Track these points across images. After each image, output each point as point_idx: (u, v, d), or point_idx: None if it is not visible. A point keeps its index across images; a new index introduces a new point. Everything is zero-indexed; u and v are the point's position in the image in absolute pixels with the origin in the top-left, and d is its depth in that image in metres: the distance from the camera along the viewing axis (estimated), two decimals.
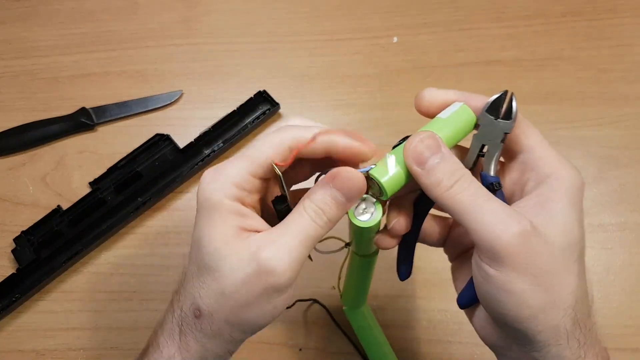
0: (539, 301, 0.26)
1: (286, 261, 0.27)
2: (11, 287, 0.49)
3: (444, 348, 0.46)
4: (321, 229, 0.28)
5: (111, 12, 0.66)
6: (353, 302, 0.45)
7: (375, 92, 0.59)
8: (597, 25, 0.62)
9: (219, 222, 0.28)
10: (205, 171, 0.29)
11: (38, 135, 0.57)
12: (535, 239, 0.26)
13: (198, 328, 0.28)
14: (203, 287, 0.28)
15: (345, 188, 0.28)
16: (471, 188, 0.27)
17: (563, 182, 0.28)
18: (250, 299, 0.27)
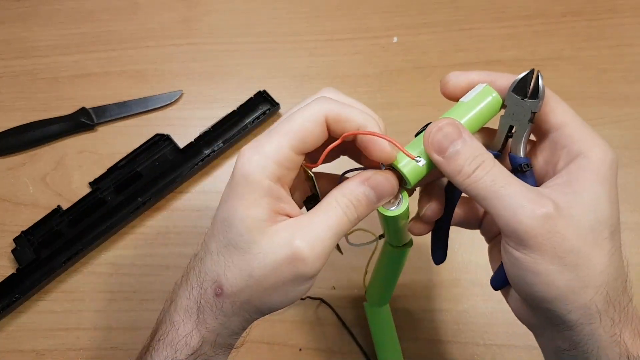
0: (567, 281, 0.26)
1: (317, 251, 0.27)
2: (11, 287, 0.49)
3: (444, 348, 0.46)
4: (350, 224, 0.28)
5: (111, 12, 0.66)
6: (379, 299, 0.44)
7: (375, 92, 0.59)
8: (597, 25, 0.62)
9: (253, 202, 0.27)
10: (244, 147, 0.29)
11: (38, 135, 0.57)
12: (559, 221, 0.26)
13: (218, 307, 0.28)
14: (229, 267, 0.28)
15: (380, 189, 0.29)
16: (493, 173, 0.27)
17: (592, 159, 0.27)
18: (278, 284, 0.28)
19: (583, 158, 0.28)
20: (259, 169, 0.27)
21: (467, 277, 0.49)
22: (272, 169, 0.27)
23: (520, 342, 0.46)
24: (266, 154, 0.28)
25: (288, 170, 0.28)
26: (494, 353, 0.46)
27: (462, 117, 0.29)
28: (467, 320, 0.47)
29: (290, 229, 0.28)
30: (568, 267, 0.26)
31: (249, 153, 0.28)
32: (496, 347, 0.46)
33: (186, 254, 0.51)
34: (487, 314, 0.47)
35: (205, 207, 0.54)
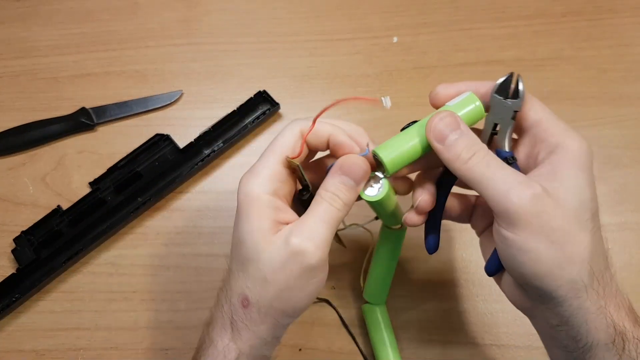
0: (554, 258, 0.28)
1: (314, 242, 0.31)
2: (11, 287, 0.49)
3: (444, 348, 0.46)
4: (339, 211, 0.32)
5: (111, 12, 0.66)
6: (377, 293, 0.45)
7: (375, 92, 0.59)
8: (597, 25, 0.62)
9: (256, 216, 0.32)
10: (242, 175, 0.33)
11: (38, 135, 0.57)
12: (546, 201, 0.28)
13: (248, 317, 0.32)
14: (248, 278, 0.32)
15: (352, 173, 0.32)
16: (486, 159, 0.30)
17: (570, 149, 0.30)
18: (290, 281, 0.31)
19: (562, 149, 0.30)
20: (255, 187, 0.32)
21: (467, 277, 0.49)
22: (267, 184, 0.32)
23: (520, 342, 0.46)
24: (259, 173, 0.32)
25: (281, 183, 0.33)
26: (494, 353, 0.46)
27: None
28: (467, 320, 0.47)
29: (288, 231, 0.31)
30: (555, 244, 0.28)
31: (246, 177, 0.33)
32: (496, 347, 0.46)
33: (186, 254, 0.51)
34: (487, 314, 0.47)
35: (205, 207, 0.54)
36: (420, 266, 0.50)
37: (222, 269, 0.50)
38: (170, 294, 0.50)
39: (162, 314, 0.49)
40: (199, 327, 0.48)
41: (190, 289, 0.50)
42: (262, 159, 0.33)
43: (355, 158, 0.33)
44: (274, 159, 0.33)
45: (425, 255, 0.50)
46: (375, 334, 0.44)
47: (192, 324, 0.48)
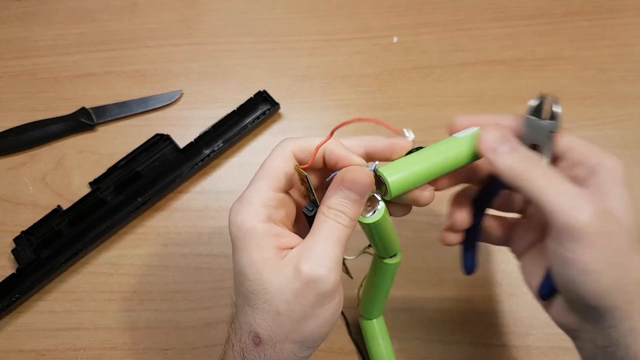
0: (615, 279, 0.28)
1: (327, 266, 0.28)
2: (11, 287, 0.49)
3: (444, 348, 0.46)
4: (346, 228, 0.30)
5: (111, 12, 0.66)
6: (371, 311, 0.44)
7: (375, 92, 0.59)
8: (597, 25, 0.62)
9: (255, 247, 0.29)
10: (232, 206, 0.31)
11: (38, 135, 0.57)
12: (610, 219, 0.28)
13: (261, 355, 0.29)
14: (257, 314, 0.29)
15: (355, 186, 0.30)
16: (545, 170, 0.29)
17: (612, 169, 0.30)
18: (306, 311, 0.28)
19: (604, 169, 0.30)
20: (248, 217, 0.30)
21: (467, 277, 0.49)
22: (260, 212, 0.30)
23: (521, 342, 0.46)
24: (250, 201, 0.30)
25: (276, 209, 0.31)
26: (494, 353, 0.46)
27: (448, 152, 0.32)
28: (467, 320, 0.47)
29: (295, 256, 0.29)
30: (617, 265, 0.28)
31: (236, 207, 0.30)
32: (496, 347, 0.46)
33: (186, 254, 0.51)
34: (487, 314, 0.47)
35: (205, 207, 0.54)
36: (420, 266, 0.50)
37: (222, 269, 0.50)
38: (170, 294, 0.50)
39: (162, 314, 0.49)
40: (199, 327, 0.48)
41: (190, 289, 0.50)
42: (251, 186, 0.31)
43: (357, 170, 0.30)
44: (265, 184, 0.30)
45: (424, 256, 0.50)
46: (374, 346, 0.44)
47: (192, 324, 0.48)
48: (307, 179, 0.30)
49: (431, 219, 0.51)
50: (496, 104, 0.57)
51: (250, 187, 0.31)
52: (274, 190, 0.31)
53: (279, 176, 0.31)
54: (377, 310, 0.44)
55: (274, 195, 0.31)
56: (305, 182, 0.30)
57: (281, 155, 0.31)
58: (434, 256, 0.50)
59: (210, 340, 0.48)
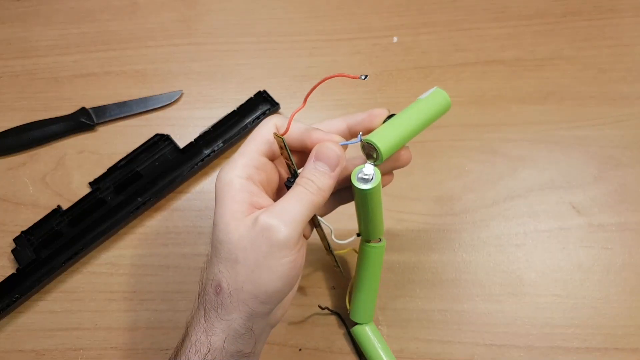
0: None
1: (283, 219, 0.30)
2: (11, 287, 0.49)
3: (444, 348, 0.46)
4: (312, 195, 0.32)
5: (111, 12, 0.66)
6: (364, 313, 0.44)
7: (375, 92, 0.59)
8: (597, 25, 0.62)
9: (230, 200, 0.31)
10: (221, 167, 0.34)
11: (38, 135, 0.57)
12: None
13: (220, 304, 0.31)
14: (220, 262, 0.31)
15: (325, 158, 0.32)
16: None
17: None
18: (259, 260, 0.30)
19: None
20: (230, 172, 0.32)
21: (467, 277, 0.49)
22: (241, 169, 0.32)
23: (520, 342, 0.46)
24: (235, 160, 0.33)
25: (256, 169, 0.33)
26: (494, 353, 0.46)
27: (421, 112, 0.35)
28: (467, 320, 0.47)
29: (259, 211, 0.31)
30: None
31: (223, 167, 0.33)
32: (496, 347, 0.46)
33: (186, 254, 0.51)
34: (487, 314, 0.47)
35: (205, 207, 0.54)
36: (419, 266, 0.50)
37: None
38: (170, 294, 0.50)
39: (162, 314, 0.49)
40: None
41: (190, 289, 0.50)
42: (239, 150, 0.34)
43: (329, 144, 0.33)
44: (250, 147, 0.33)
45: (424, 256, 0.50)
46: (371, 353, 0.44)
47: None
48: (284, 145, 0.33)
49: (431, 219, 0.51)
50: (496, 104, 0.57)
51: (237, 151, 0.34)
52: (257, 152, 0.33)
53: (262, 141, 0.34)
54: (369, 307, 0.44)
55: (257, 157, 0.33)
56: (283, 148, 0.33)
57: (265, 126, 0.34)
58: (434, 256, 0.50)
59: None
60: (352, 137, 0.35)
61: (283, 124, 0.34)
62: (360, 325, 0.45)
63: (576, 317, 0.47)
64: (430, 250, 0.50)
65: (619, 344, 0.45)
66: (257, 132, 0.34)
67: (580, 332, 0.46)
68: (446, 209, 0.52)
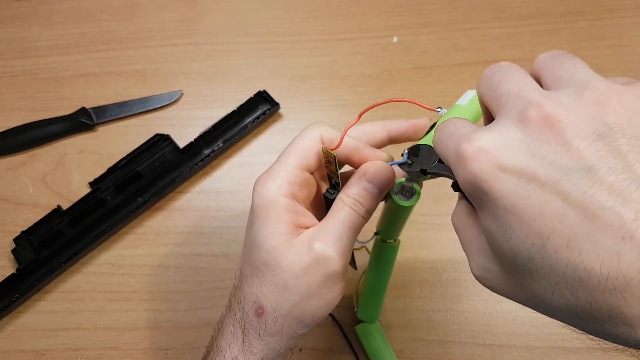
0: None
1: (338, 248, 0.29)
2: (11, 287, 0.49)
3: (444, 348, 0.46)
4: (362, 218, 0.31)
5: (111, 12, 0.66)
6: (371, 311, 0.44)
7: (375, 92, 0.59)
8: (597, 25, 0.62)
9: (275, 220, 0.30)
10: (258, 177, 0.31)
11: (38, 135, 0.57)
12: None
13: (262, 326, 0.30)
14: (265, 285, 0.30)
15: (376, 180, 0.31)
16: None
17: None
18: (312, 288, 0.29)
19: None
20: (274, 190, 0.30)
21: (467, 277, 0.49)
22: (286, 187, 0.30)
23: (520, 342, 0.46)
24: (277, 176, 0.31)
25: (300, 187, 0.31)
26: (494, 353, 0.46)
27: (466, 115, 0.32)
28: (467, 320, 0.47)
29: (310, 235, 0.30)
30: None
31: (263, 179, 0.31)
32: (496, 347, 0.46)
33: (186, 254, 0.51)
34: (487, 314, 0.47)
35: (205, 207, 0.54)
36: (420, 266, 0.50)
37: (222, 269, 0.50)
38: (170, 294, 0.50)
39: (162, 314, 0.49)
40: (199, 327, 0.48)
41: (190, 289, 0.50)
42: (279, 161, 0.31)
43: (380, 165, 0.31)
44: (292, 161, 0.31)
45: (424, 256, 0.50)
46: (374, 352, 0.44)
47: (192, 324, 0.48)
48: (334, 160, 0.30)
49: (431, 219, 0.51)
50: None
51: (278, 162, 0.31)
52: (301, 168, 0.31)
53: (307, 155, 0.31)
54: (377, 307, 0.44)
55: (300, 173, 0.31)
56: (332, 163, 0.31)
57: (310, 136, 0.32)
58: (434, 256, 0.50)
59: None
60: (390, 144, 0.34)
61: (329, 135, 0.32)
62: (366, 324, 0.45)
63: None
64: (430, 250, 0.50)
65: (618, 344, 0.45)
66: (301, 142, 0.32)
67: None
68: (446, 209, 0.52)
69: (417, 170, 0.31)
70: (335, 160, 0.31)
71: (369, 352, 0.45)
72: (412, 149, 0.32)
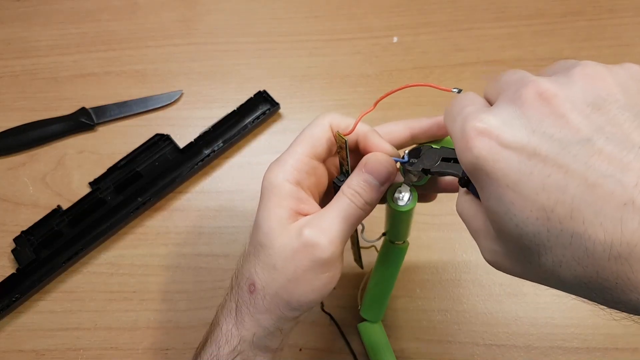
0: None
1: (328, 236, 0.30)
2: (11, 287, 0.49)
3: (444, 348, 0.46)
4: (360, 210, 0.31)
5: (111, 12, 0.66)
6: (375, 311, 0.44)
7: (375, 92, 0.59)
8: (597, 25, 0.62)
9: (276, 203, 0.31)
10: (270, 164, 0.32)
11: (38, 135, 0.57)
12: None
13: (252, 303, 0.31)
14: (258, 264, 0.31)
15: (376, 172, 0.31)
16: None
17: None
18: (298, 272, 0.30)
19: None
20: (280, 175, 0.31)
21: (467, 277, 0.49)
22: (291, 173, 0.31)
23: (520, 342, 0.46)
24: (285, 162, 0.32)
25: (307, 175, 0.32)
26: (494, 353, 0.46)
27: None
28: (467, 320, 0.47)
29: (304, 221, 0.31)
30: None
31: (272, 166, 0.32)
32: (496, 347, 0.46)
33: (186, 254, 0.51)
34: (487, 314, 0.47)
35: (205, 207, 0.54)
36: (420, 266, 0.50)
37: (222, 269, 0.50)
38: (170, 294, 0.50)
39: (162, 314, 0.49)
40: (199, 327, 0.48)
41: (190, 289, 0.50)
42: (289, 149, 0.32)
43: (381, 157, 0.31)
44: (301, 149, 0.32)
45: (424, 256, 0.50)
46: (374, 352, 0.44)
47: (192, 324, 0.48)
48: (345, 146, 0.31)
49: (431, 219, 0.51)
50: None
51: (287, 150, 0.32)
52: (309, 156, 0.32)
53: (315, 143, 0.32)
54: (381, 307, 0.44)
55: (308, 161, 0.32)
56: (343, 149, 0.31)
57: (320, 125, 0.32)
58: (433, 256, 0.50)
59: None
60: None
61: (340, 124, 0.32)
62: (369, 322, 0.45)
63: (576, 317, 0.47)
64: (430, 250, 0.50)
65: (619, 344, 0.45)
66: (310, 131, 0.32)
67: (580, 332, 0.46)
68: (446, 209, 0.52)
69: (419, 170, 0.31)
70: (346, 146, 0.31)
71: (370, 351, 0.45)
72: (413, 150, 0.32)
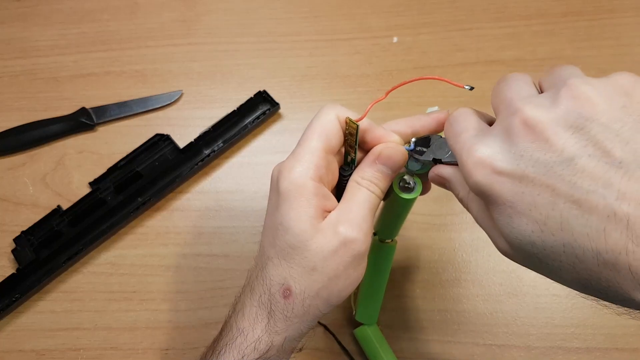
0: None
1: (362, 230, 0.31)
2: (11, 287, 0.49)
3: (444, 348, 0.46)
4: (378, 198, 0.32)
5: (111, 12, 0.66)
6: (370, 313, 0.44)
7: (375, 92, 0.59)
8: (597, 25, 0.62)
9: (305, 204, 0.30)
10: (282, 163, 0.32)
11: (38, 135, 0.57)
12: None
13: (289, 308, 0.31)
14: (293, 267, 0.31)
15: (390, 161, 0.32)
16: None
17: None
18: (340, 270, 0.30)
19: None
20: (303, 174, 0.30)
21: (467, 277, 0.49)
22: (313, 170, 0.31)
23: (520, 342, 0.46)
24: (304, 159, 0.31)
25: (325, 170, 0.32)
26: (494, 353, 0.46)
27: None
28: (467, 320, 0.47)
29: (334, 219, 0.31)
30: None
31: (290, 164, 0.31)
32: (496, 347, 0.46)
33: (186, 254, 0.51)
34: (487, 314, 0.47)
35: (205, 207, 0.54)
36: (419, 266, 0.50)
37: (222, 269, 0.50)
38: (170, 294, 0.50)
39: (162, 314, 0.49)
40: (199, 327, 0.48)
41: (190, 289, 0.50)
42: (303, 144, 0.32)
43: (393, 147, 0.32)
44: (316, 143, 0.31)
45: (424, 256, 0.50)
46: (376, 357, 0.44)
47: (192, 324, 0.48)
48: (356, 132, 0.31)
49: (431, 219, 0.51)
50: None
51: (301, 146, 0.32)
52: (325, 151, 0.31)
53: (328, 137, 0.32)
54: (376, 309, 0.44)
55: (325, 156, 0.31)
56: (352, 136, 0.31)
57: (329, 117, 0.32)
58: (433, 256, 0.50)
59: (210, 340, 0.47)
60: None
61: (345, 114, 0.33)
62: (365, 327, 0.45)
63: (576, 317, 0.47)
64: (430, 250, 0.50)
65: (618, 344, 0.45)
66: (321, 124, 0.32)
67: (580, 332, 0.46)
68: (446, 209, 0.52)
69: (429, 159, 0.32)
70: (357, 132, 0.31)
71: (370, 355, 0.45)
72: (421, 139, 0.33)
